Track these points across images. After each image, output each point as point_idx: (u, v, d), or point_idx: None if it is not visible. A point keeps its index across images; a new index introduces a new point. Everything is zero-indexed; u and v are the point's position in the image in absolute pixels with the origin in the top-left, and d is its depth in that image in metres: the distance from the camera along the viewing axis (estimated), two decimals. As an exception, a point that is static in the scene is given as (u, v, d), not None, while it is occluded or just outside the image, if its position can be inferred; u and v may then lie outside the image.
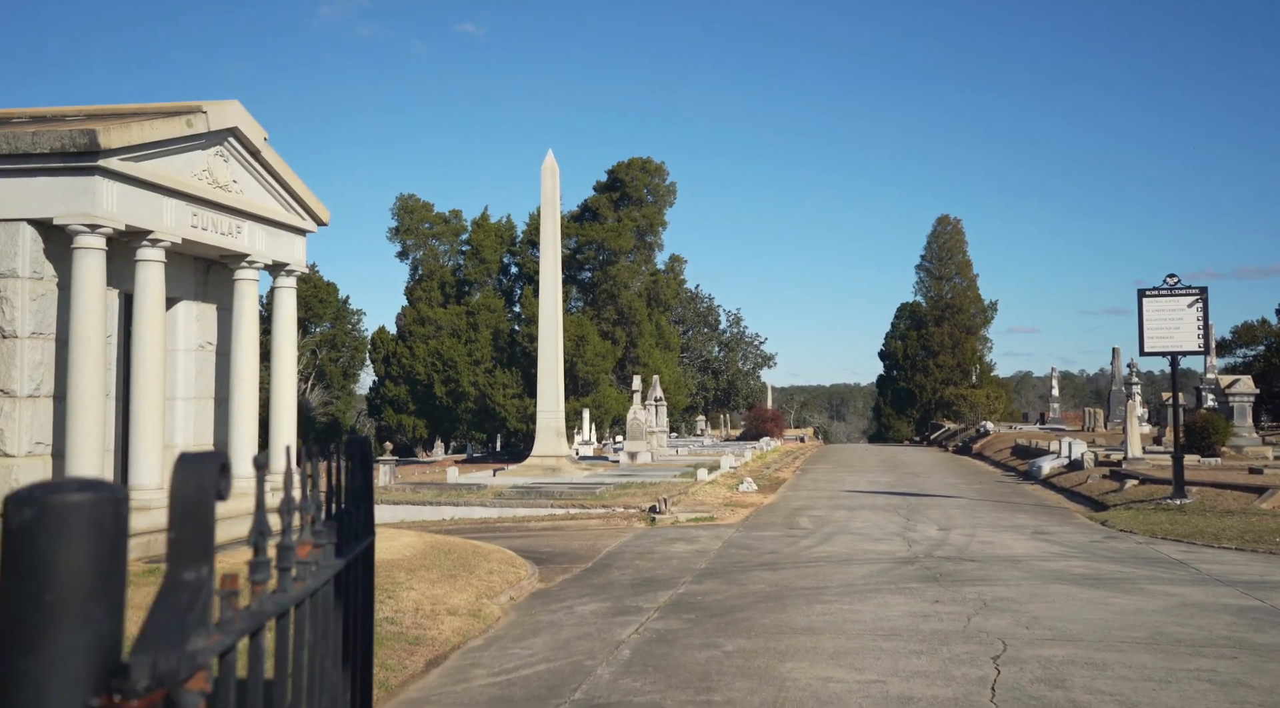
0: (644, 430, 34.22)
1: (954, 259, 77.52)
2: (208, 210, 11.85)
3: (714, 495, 22.19)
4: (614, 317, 56.09)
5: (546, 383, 27.06)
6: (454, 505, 19.50)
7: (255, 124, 12.46)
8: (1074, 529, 16.40)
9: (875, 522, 17.45)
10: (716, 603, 10.27)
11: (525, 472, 26.44)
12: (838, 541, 15.06)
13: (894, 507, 19.94)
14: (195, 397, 12.82)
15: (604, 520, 18.23)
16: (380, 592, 9.61)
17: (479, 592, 10.38)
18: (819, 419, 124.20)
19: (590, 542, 15.47)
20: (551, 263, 27.14)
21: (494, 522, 18.74)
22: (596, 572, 12.56)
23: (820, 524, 17.20)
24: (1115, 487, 20.93)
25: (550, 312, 27.08)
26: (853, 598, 10.37)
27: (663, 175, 57.38)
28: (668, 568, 12.68)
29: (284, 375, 13.77)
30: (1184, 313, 18.27)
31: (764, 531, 16.50)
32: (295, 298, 13.89)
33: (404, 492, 21.71)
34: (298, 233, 13.79)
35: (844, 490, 24.30)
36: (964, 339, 74.67)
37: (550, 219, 27.09)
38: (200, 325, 12.96)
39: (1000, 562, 12.72)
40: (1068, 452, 27.40)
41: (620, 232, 55.14)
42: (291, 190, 13.41)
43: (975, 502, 21.14)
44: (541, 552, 14.42)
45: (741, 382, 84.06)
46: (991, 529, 16.29)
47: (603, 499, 19.78)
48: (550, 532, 17.28)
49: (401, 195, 62.31)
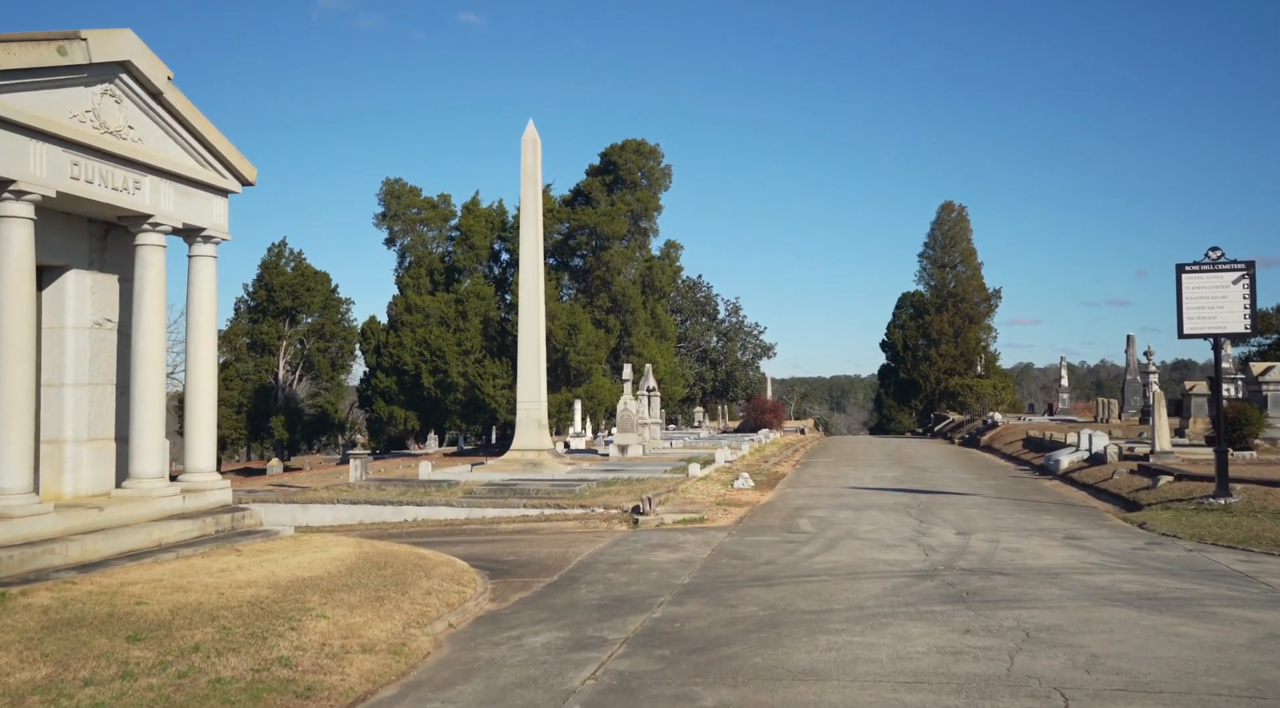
0: (635, 422, 32.31)
1: (958, 246, 75.63)
2: (94, 160, 9.94)
3: (706, 493, 20.31)
4: (607, 304, 54.18)
5: (527, 371, 25.16)
6: (417, 506, 17.62)
7: (156, 60, 10.54)
8: (1110, 533, 14.51)
9: (885, 524, 15.57)
10: (698, 633, 8.38)
11: (504, 467, 24.56)
12: (843, 548, 13.17)
13: (904, 506, 18.06)
14: (90, 382, 10.91)
15: (581, 523, 16.35)
16: (281, 622, 7.75)
17: (409, 619, 8.49)
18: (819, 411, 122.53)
19: (561, 549, 13.58)
20: (532, 242, 25.20)
21: (460, 524, 16.86)
22: (561, 588, 10.68)
23: (823, 527, 15.32)
24: (1147, 483, 19.04)
25: (531, 294, 25.15)
26: (864, 626, 8.49)
27: (657, 158, 55.40)
28: (645, 583, 10.80)
29: (202, 361, 11.86)
30: (1228, 290, 16.36)
31: (760, 535, 14.62)
32: (215, 269, 11.97)
33: (368, 490, 19.84)
34: (217, 193, 11.88)
35: (848, 487, 22.42)
36: (967, 328, 72.74)
37: (531, 194, 25.14)
38: (96, 299, 11.05)
39: (1035, 576, 10.84)
40: (1087, 445, 25.50)
41: (613, 216, 53.20)
42: (206, 142, 11.50)
43: (993, 500, 19.25)
44: (502, 562, 12.54)
45: (740, 372, 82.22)
46: (1016, 533, 14.40)
47: (582, 498, 17.90)
48: (519, 536, 15.41)
49: (387, 179, 60.39)
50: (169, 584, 8.68)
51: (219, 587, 8.73)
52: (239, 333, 70.90)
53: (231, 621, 7.77)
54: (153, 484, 10.80)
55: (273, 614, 8.03)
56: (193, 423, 11.78)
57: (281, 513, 18.11)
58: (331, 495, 18.50)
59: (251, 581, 9.05)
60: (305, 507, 18.06)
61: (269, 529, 11.75)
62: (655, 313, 58.07)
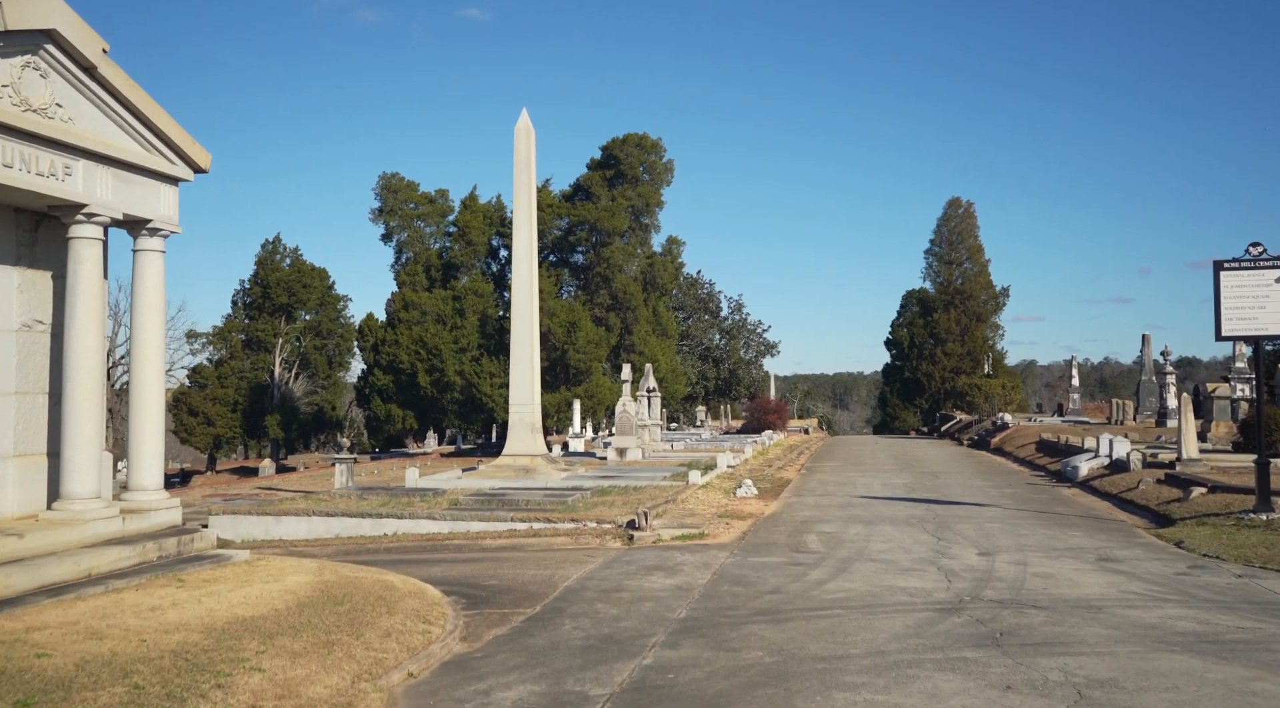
0: (634, 424, 31.16)
1: (965, 243, 74.35)
2: (14, 141, 8.80)
3: (707, 503, 19.16)
4: (608, 302, 52.98)
5: (520, 372, 23.99)
6: (398, 518, 16.47)
7: (88, 31, 9.38)
8: (1145, 553, 13.34)
9: (899, 541, 14.40)
10: (694, 688, 7.23)
11: (496, 473, 23.41)
12: (856, 571, 12.01)
13: (919, 520, 16.90)
14: (17, 391, 9.77)
15: (572, 539, 15.20)
16: (208, 677, 6.61)
17: (360, 670, 7.35)
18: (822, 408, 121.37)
19: (548, 571, 12.43)
20: (525, 235, 24.02)
21: (442, 539, 15.72)
22: (542, 623, 9.53)
23: (833, 545, 14.16)
24: (1177, 495, 17.87)
25: (524, 290, 23.98)
26: (887, 679, 7.33)
27: (659, 152, 54.17)
28: (636, 617, 9.65)
29: (148, 366, 10.70)
30: (1270, 290, 15.17)
31: (764, 554, 13.46)
32: (163, 265, 10.81)
33: (348, 500, 18.70)
34: (164, 181, 10.72)
35: (857, 496, 21.25)
36: (974, 326, 71.51)
37: (524, 185, 23.94)
38: (25, 299, 9.91)
39: (1073, 609, 9.68)
40: (1108, 450, 24.34)
41: (614, 211, 51.99)
42: (151, 124, 10.34)
43: (1013, 513, 18.08)
44: (481, 587, 11.40)
45: (743, 370, 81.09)
46: (1044, 554, 13.23)
47: (574, 510, 16.75)
48: (504, 554, 14.26)
49: (384, 174, 59.10)
50: (85, 629, 7.54)
51: (143, 631, 7.59)
52: (235, 329, 69.79)
53: (148, 677, 6.62)
54: (86, 505, 9.65)
55: (199, 667, 6.88)
56: (136, 435, 10.63)
57: (253, 526, 17.00)
58: (308, 506, 17.36)
59: (183, 622, 7.90)
60: (279, 519, 16.93)
61: (221, 554, 10.60)
62: (657, 310, 56.88)
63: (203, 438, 65.20)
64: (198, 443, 65.92)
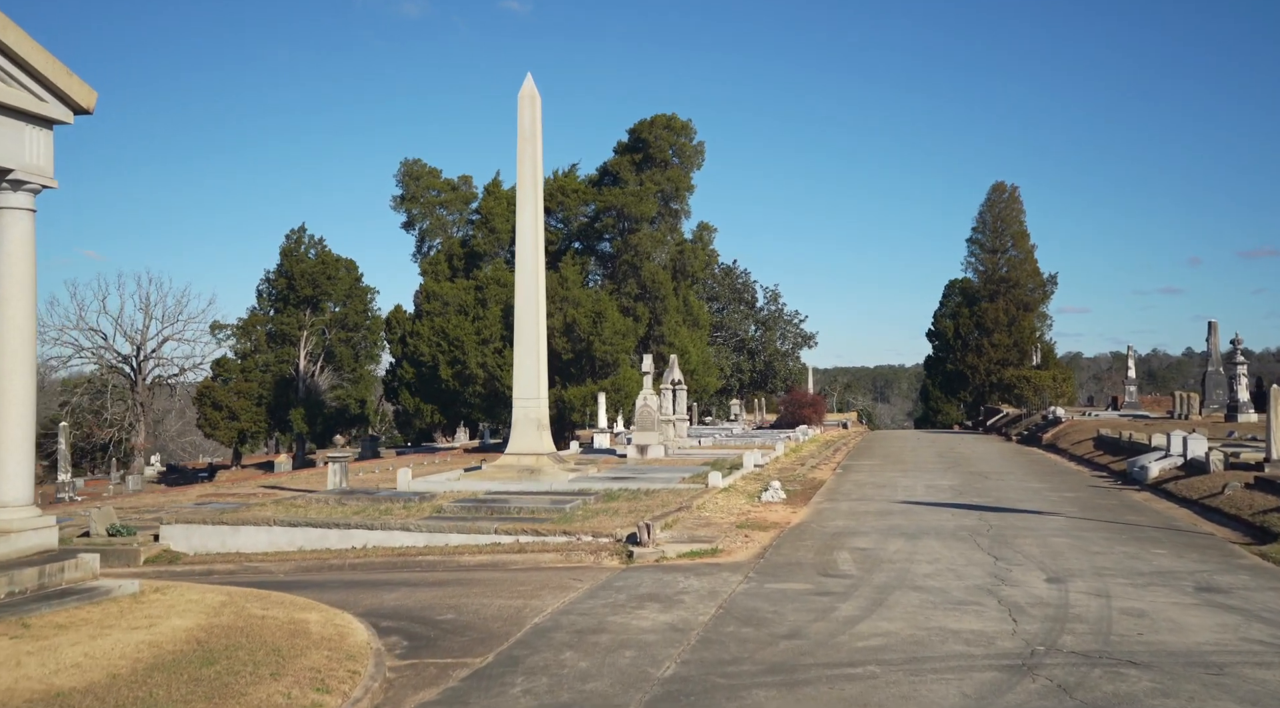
0: (655, 420, 28.93)
1: (1010, 229, 71.16)
2: None
3: (727, 510, 16.91)
4: (636, 291, 50.77)
5: (525, 362, 21.83)
6: (368, 529, 14.37)
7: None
8: (1254, 580, 10.89)
9: (948, 561, 12.06)
10: (661, 809, 5.01)
11: (497, 474, 21.29)
12: (897, 605, 9.71)
13: (970, 532, 14.52)
14: None
15: (562, 555, 13.02)
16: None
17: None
18: (862, 401, 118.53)
19: (520, 600, 10.26)
20: (530, 212, 21.83)
21: (415, 554, 13.60)
22: (487, 683, 7.35)
23: (869, 566, 11.84)
24: (1274, 503, 15.32)
25: (529, 273, 21.80)
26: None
27: (689, 134, 51.77)
28: (610, 675, 7.45)
29: (11, 353, 8.64)
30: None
31: (785, 578, 11.19)
32: (32, 226, 8.75)
33: (323, 506, 16.68)
34: (32, 122, 8.65)
35: (897, 501, 18.88)
36: (1021, 316, 68.39)
37: (529, 156, 21.75)
38: None
39: (1186, 667, 7.33)
40: (1180, 448, 21.71)
41: (642, 196, 49.71)
42: (12, 54, 8.26)
43: (1079, 523, 15.63)
44: (434, 623, 9.25)
45: (780, 363, 78.54)
46: (1128, 579, 10.84)
47: (571, 521, 14.57)
48: (481, 574, 12.13)
49: (406, 160, 57.43)
50: None
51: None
52: (259, 322, 68.42)
53: None
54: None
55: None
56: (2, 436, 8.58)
57: (208, 537, 15.00)
58: (271, 515, 15.34)
59: (-30, 698, 5.82)
60: (236, 529, 14.91)
61: (98, 586, 8.53)
62: (687, 300, 54.52)
63: (226, 432, 63.92)
64: (221, 437, 64.75)
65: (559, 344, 48.27)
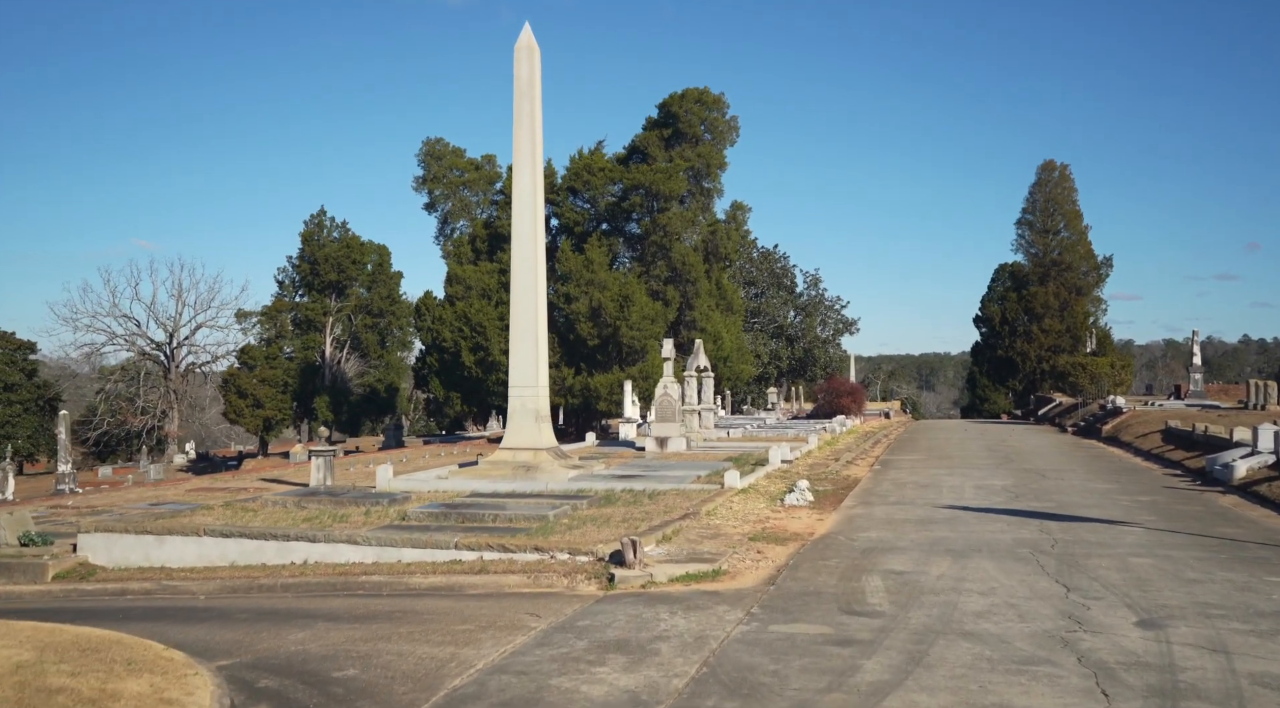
0: (676, 410, 26.56)
1: (1061, 210, 67.59)
2: None
3: (742, 516, 14.51)
4: (665, 274, 48.25)
5: (522, 346, 19.51)
6: (310, 541, 12.15)
7: None
8: None
9: (1007, 592, 9.57)
10: None
11: (490, 470, 19.04)
12: (939, 662, 7.25)
13: (1031, 549, 11.98)
14: None
15: (530, 578, 10.68)
16: None
17: None
18: (907, 389, 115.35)
19: (448, 649, 7.94)
20: (528, 177, 19.50)
21: (359, 573, 11.35)
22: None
23: (904, 600, 9.37)
24: (1405, 515, 12.61)
25: (527, 246, 19.47)
26: None
27: (722, 108, 49.07)
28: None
29: None
30: None
31: (796, 618, 8.76)
32: None
33: (278, 510, 14.52)
34: None
35: (942, 505, 16.34)
36: (1074, 300, 64.95)
37: (526, 114, 19.38)
38: None
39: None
40: (1271, 444, 18.93)
41: (671, 173, 47.11)
42: None
43: (1163, 537, 13.01)
44: (323, 687, 7.00)
45: (819, 350, 75.69)
46: (1247, 624, 8.28)
47: (550, 532, 12.25)
48: (423, 603, 9.84)
49: (428, 140, 55.28)
50: None
51: None
52: (283, 308, 66.94)
53: None
54: None
55: None
56: None
57: (130, 548, 12.89)
58: (204, 523, 13.19)
59: None
60: (161, 539, 12.76)
61: None
62: (720, 283, 51.94)
63: (251, 420, 62.45)
64: (246, 425, 63.39)
65: (585, 330, 46.00)
